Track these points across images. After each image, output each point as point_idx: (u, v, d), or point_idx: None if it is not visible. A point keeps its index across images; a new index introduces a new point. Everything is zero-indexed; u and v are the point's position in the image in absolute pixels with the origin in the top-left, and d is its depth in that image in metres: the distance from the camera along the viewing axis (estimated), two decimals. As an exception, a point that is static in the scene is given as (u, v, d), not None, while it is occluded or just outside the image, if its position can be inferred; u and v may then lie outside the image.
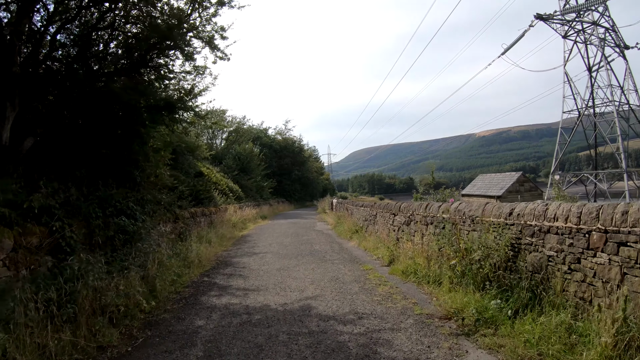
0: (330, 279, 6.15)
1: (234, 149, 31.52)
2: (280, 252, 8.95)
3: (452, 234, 5.45)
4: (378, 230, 10.09)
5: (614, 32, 40.95)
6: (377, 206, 10.49)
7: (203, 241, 9.75)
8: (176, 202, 10.34)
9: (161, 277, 5.79)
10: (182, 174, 14.47)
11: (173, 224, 9.70)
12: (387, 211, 9.55)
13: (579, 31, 41.42)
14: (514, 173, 20.69)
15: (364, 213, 11.82)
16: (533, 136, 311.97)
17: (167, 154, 9.82)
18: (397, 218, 8.70)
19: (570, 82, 39.71)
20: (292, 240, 11.41)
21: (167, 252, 7.02)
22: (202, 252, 8.49)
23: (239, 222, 15.93)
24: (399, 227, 8.51)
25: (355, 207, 13.46)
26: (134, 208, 6.87)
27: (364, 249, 9.50)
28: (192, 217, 11.36)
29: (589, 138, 41.18)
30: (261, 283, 5.97)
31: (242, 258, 8.44)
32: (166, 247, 7.60)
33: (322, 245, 10.14)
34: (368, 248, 9.29)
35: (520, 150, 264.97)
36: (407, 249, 7.20)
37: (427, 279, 5.78)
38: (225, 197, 18.44)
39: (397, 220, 8.72)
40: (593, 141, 41.45)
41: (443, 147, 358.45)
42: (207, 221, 13.05)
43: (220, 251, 9.54)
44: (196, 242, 9.15)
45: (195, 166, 17.37)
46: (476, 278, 4.75)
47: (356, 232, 11.73)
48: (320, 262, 7.66)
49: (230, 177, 26.51)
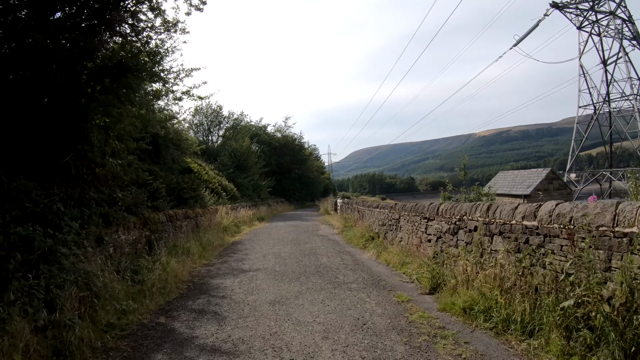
0: (353, 326, 3.91)
1: (229, 145, 29.30)
2: (277, 270, 6.73)
3: (581, 260, 3.24)
4: (403, 238, 7.89)
5: (631, 23, 38.90)
6: (400, 208, 8.29)
7: (179, 252, 7.55)
8: (146, 202, 8.14)
9: (84, 322, 3.59)
10: (164, 169, 12.29)
11: (140, 231, 7.51)
12: (415, 214, 7.35)
13: (593, 22, 39.33)
14: (541, 169, 18.54)
15: (381, 216, 9.62)
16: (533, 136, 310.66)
17: (129, 142, 7.66)
18: (435, 224, 6.50)
19: (585, 75, 37.58)
20: (292, 249, 9.20)
21: (111, 276, 4.82)
22: (173, 269, 6.29)
23: (231, 226, 13.74)
24: (439, 236, 6.31)
25: (368, 209, 11.26)
26: (62, 212, 4.67)
27: (386, 263, 7.30)
28: (170, 221, 9.16)
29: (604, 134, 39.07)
30: (243, 335, 3.72)
31: (224, 279, 6.21)
32: (116, 265, 5.41)
33: (331, 258, 7.93)
34: (392, 263, 7.09)
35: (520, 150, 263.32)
36: (461, 270, 4.99)
37: (513, 325, 3.59)
38: (217, 196, 16.24)
39: (434, 227, 6.51)
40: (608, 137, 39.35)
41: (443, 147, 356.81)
42: (191, 225, 10.84)
43: (200, 266, 7.32)
44: (167, 255, 6.95)
45: (182, 161, 15.18)
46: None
47: (371, 239, 9.53)
48: (332, 288, 5.44)
49: (226, 175, 24.32)
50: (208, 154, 28.88)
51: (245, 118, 38.52)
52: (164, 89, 7.37)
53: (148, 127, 10.49)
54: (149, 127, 10.59)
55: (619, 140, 39.88)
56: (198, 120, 36.93)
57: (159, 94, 6.77)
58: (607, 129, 38.37)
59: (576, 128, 37.42)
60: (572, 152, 36.71)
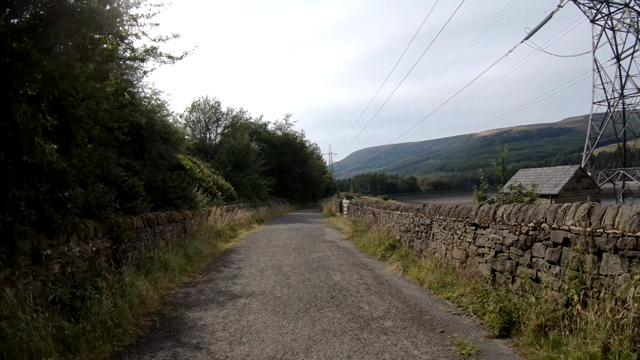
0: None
1: (227, 143, 27.67)
2: (278, 295, 5.06)
3: None
4: (438, 250, 6.26)
5: (646, 17, 37.22)
6: (432, 210, 6.66)
7: (155, 267, 5.92)
8: (114, 203, 6.53)
9: None
10: (147, 164, 10.68)
11: (103, 240, 5.92)
12: (457, 219, 5.73)
13: (607, 15, 37.68)
14: (568, 167, 16.91)
15: (404, 220, 7.99)
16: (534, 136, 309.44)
17: (95, 129, 6.12)
18: (490, 234, 4.87)
19: (600, 70, 35.87)
20: (296, 260, 7.58)
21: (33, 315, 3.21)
22: (139, 293, 4.67)
23: (226, 229, 12.12)
24: (498, 250, 4.68)
25: (385, 211, 9.62)
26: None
27: (418, 282, 5.67)
28: (148, 226, 7.55)
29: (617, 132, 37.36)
30: None
31: (206, 310, 4.54)
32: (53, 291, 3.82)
33: (346, 274, 6.30)
34: (428, 283, 5.45)
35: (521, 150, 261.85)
36: (550, 305, 3.36)
37: None
38: (212, 196, 14.62)
39: (489, 238, 4.88)
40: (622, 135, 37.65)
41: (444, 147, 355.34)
42: (176, 230, 9.23)
43: (178, 286, 5.69)
44: (136, 272, 5.33)
45: (173, 157, 13.55)
46: None
47: (391, 248, 7.90)
48: (358, 330, 3.78)
49: (223, 173, 22.70)
50: (205, 151, 27.28)
51: (245, 115, 36.94)
52: (119, 43, 5.67)
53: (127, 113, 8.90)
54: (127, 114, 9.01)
55: (634, 138, 38.17)
56: (195, 117, 35.37)
57: (113, 53, 5.11)
58: (621, 126, 36.69)
59: (590, 124, 35.71)
60: (587, 149, 34.95)
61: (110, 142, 8.52)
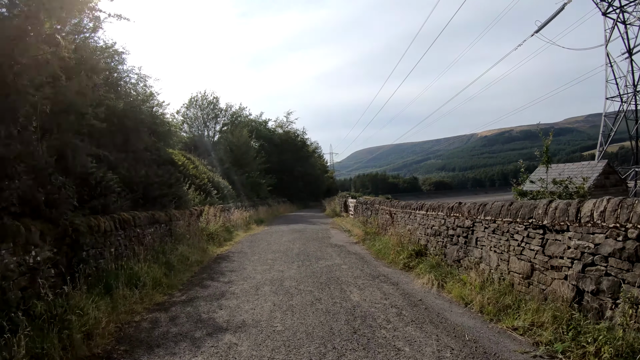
0: None
1: (226, 139, 26.35)
2: (277, 327, 3.63)
3: None
4: (485, 259, 4.91)
5: (661, 10, 35.87)
6: (474, 210, 5.31)
7: (120, 282, 4.57)
8: (72, 199, 5.24)
9: None
10: (129, 157, 9.33)
11: (53, 248, 4.60)
12: (513, 220, 4.39)
13: (618, 8, 36.33)
14: (594, 162, 15.60)
15: (431, 222, 6.62)
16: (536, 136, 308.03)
17: (32, 93, 4.93)
18: (572, 240, 3.53)
19: (612, 64, 34.49)
20: (300, 271, 6.22)
21: None
22: (86, 323, 3.34)
23: (220, 231, 10.78)
24: (588, 262, 3.34)
25: (403, 211, 8.24)
26: None
27: (464, 303, 4.33)
28: (121, 229, 6.22)
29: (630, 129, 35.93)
30: None
31: (171, 354, 3.09)
32: None
33: (366, 291, 4.95)
34: (479, 305, 4.11)
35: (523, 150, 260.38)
36: None
37: None
38: (205, 195, 13.28)
39: (570, 246, 3.54)
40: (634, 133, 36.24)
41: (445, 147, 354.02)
42: (160, 233, 7.90)
43: (145, 309, 4.32)
44: (90, 292, 3.99)
45: (161, 150, 12.19)
46: None
47: (416, 255, 6.55)
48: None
49: (221, 171, 21.39)
50: (203, 148, 25.94)
51: (245, 112, 35.62)
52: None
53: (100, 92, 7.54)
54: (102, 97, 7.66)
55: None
56: (193, 114, 34.06)
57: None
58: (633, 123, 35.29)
59: (604, 121, 34.33)
60: (600, 147, 33.52)
61: (82, 129, 7.19)
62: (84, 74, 7.57)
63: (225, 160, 23.30)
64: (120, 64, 10.17)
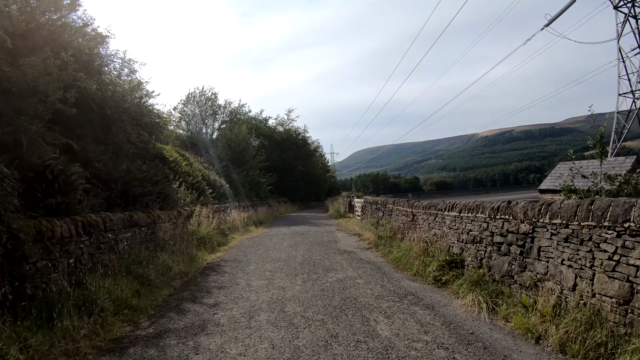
0: None
1: (224, 136, 25.13)
2: None
3: None
4: (555, 276, 3.71)
5: (674, 2, 34.65)
6: (531, 209, 4.11)
7: (66, 309, 3.38)
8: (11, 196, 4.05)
9: None
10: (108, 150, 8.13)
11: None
12: (597, 225, 3.20)
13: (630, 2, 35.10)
14: (622, 158, 14.38)
15: (467, 225, 5.42)
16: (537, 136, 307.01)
17: None
18: None
19: (624, 60, 33.25)
20: (305, 288, 5.01)
21: None
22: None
23: (213, 235, 9.58)
24: None
25: (425, 212, 7.05)
26: None
27: (532, 338, 3.16)
28: (85, 234, 5.02)
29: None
30: None
31: None
32: None
33: (396, 321, 3.74)
34: (559, 341, 2.94)
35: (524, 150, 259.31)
36: None
37: None
38: (198, 194, 12.08)
39: None
40: None
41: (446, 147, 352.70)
42: (140, 238, 6.70)
43: (94, 349, 3.10)
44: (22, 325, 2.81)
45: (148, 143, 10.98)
46: None
47: (448, 266, 5.34)
48: None
49: (218, 169, 20.19)
50: (200, 145, 24.72)
51: (244, 108, 34.33)
52: None
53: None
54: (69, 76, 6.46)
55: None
56: (190, 110, 32.83)
57: None
58: None
59: (616, 118, 33.10)
60: (613, 144, 32.26)
61: (45, 114, 5.99)
62: (48, 50, 6.38)
63: (223, 158, 22.11)
64: (101, 46, 8.96)
